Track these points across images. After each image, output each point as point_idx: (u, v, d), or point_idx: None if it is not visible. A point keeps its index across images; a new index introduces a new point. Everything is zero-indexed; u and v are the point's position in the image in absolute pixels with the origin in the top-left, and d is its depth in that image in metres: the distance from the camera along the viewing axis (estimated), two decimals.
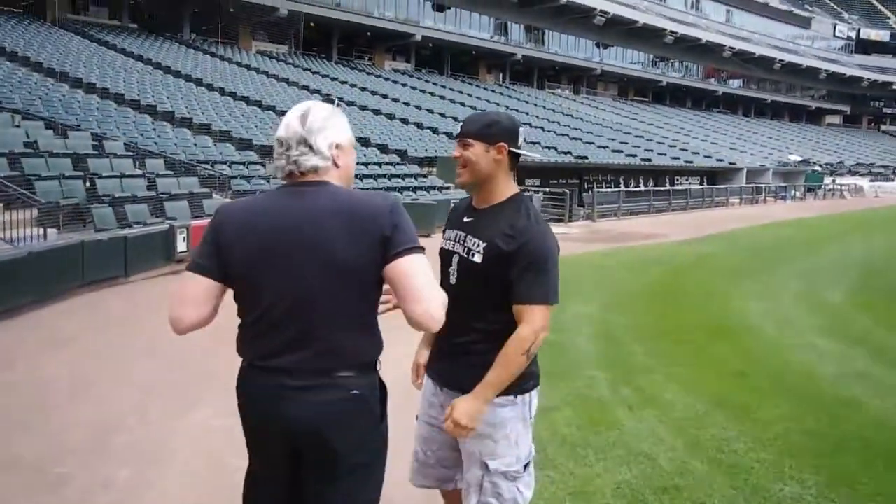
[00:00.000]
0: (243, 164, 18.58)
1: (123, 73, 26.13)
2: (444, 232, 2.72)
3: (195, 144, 19.00)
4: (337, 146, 2.14)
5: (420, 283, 2.01)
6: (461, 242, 2.57)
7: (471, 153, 2.55)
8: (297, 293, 2.03)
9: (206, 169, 16.68)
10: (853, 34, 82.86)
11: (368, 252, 2.00)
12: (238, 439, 2.24)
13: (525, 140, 2.68)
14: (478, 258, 2.48)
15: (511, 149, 2.55)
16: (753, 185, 38.41)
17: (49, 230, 11.11)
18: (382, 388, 2.19)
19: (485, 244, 2.48)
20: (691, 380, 6.34)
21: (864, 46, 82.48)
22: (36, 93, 20.10)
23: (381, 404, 2.18)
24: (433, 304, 2.01)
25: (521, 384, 2.52)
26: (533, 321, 2.40)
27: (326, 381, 2.04)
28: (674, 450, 4.74)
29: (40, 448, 4.70)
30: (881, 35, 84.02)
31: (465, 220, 2.60)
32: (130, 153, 16.01)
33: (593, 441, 4.85)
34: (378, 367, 2.18)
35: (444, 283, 2.55)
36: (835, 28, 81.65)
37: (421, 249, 2.05)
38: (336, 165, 2.14)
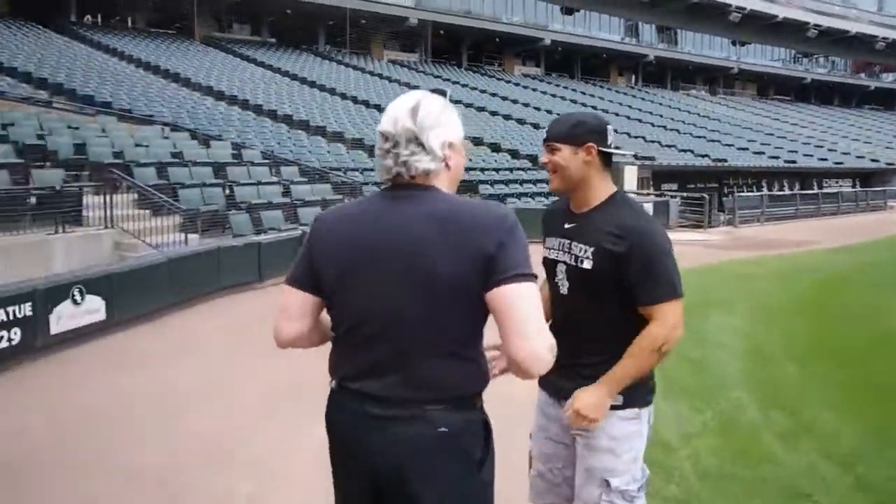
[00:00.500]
0: (374, 170, 18.72)
1: (262, 85, 27.19)
2: (544, 240, 2.58)
3: (328, 152, 19.42)
4: (450, 145, 1.87)
5: (525, 316, 1.69)
6: (566, 250, 2.45)
7: (559, 157, 2.43)
8: (389, 310, 1.76)
9: (339, 176, 16.95)
10: None
11: (472, 269, 1.70)
12: None
13: (615, 136, 2.52)
14: (587, 264, 2.37)
15: (601, 148, 2.41)
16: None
17: (190, 236, 11.50)
18: (486, 427, 1.86)
19: (592, 248, 2.36)
20: (854, 406, 5.68)
21: None
22: (183, 106, 21.14)
23: (482, 448, 1.83)
24: (540, 342, 1.69)
25: (644, 396, 2.44)
26: (664, 319, 2.29)
27: (415, 413, 1.76)
28: (838, 491, 4.19)
29: (162, 457, 4.70)
30: None
31: (567, 226, 2.48)
32: (267, 161, 16.51)
33: (743, 475, 4.36)
34: (479, 404, 1.86)
35: (554, 294, 2.50)
36: None
37: (532, 277, 1.72)
38: (447, 167, 1.87)
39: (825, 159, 36.55)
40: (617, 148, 2.49)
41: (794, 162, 33.72)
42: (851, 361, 7.03)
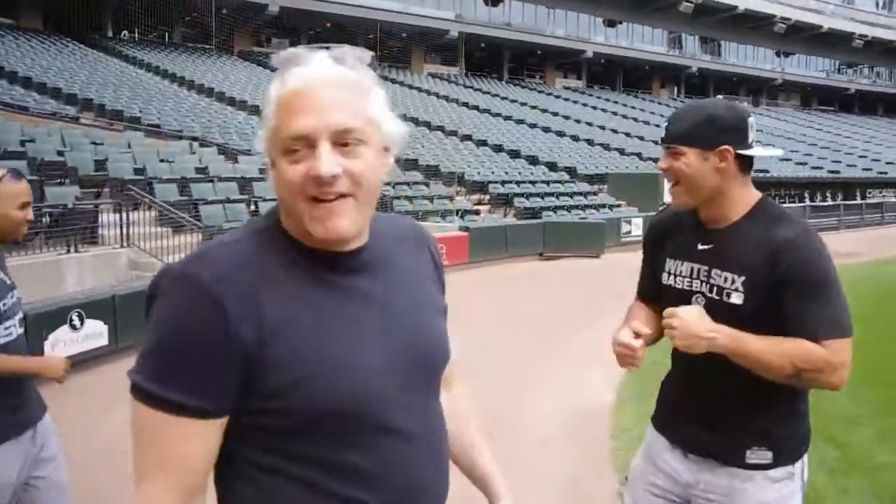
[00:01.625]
0: (407, 184, 18.28)
1: None
2: (662, 262, 2.03)
3: None
4: None
5: None
6: (703, 279, 1.91)
7: (683, 164, 1.87)
8: None
9: (384, 192, 16.41)
10: None
11: None
12: None
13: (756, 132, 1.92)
14: (737, 298, 1.83)
15: (739, 151, 1.84)
16: None
17: None
18: None
19: (743, 278, 1.83)
20: None
21: None
22: (214, 121, 20.89)
23: None
24: None
25: (797, 447, 1.92)
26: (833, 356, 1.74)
27: None
28: None
29: None
30: None
31: (701, 247, 1.93)
32: None
33: None
34: None
35: None
36: None
37: None
38: None
39: (869, 169, 35.43)
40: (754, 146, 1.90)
41: (837, 172, 32.69)
42: None
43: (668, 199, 11.73)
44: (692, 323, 1.74)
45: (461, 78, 42.90)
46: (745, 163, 1.87)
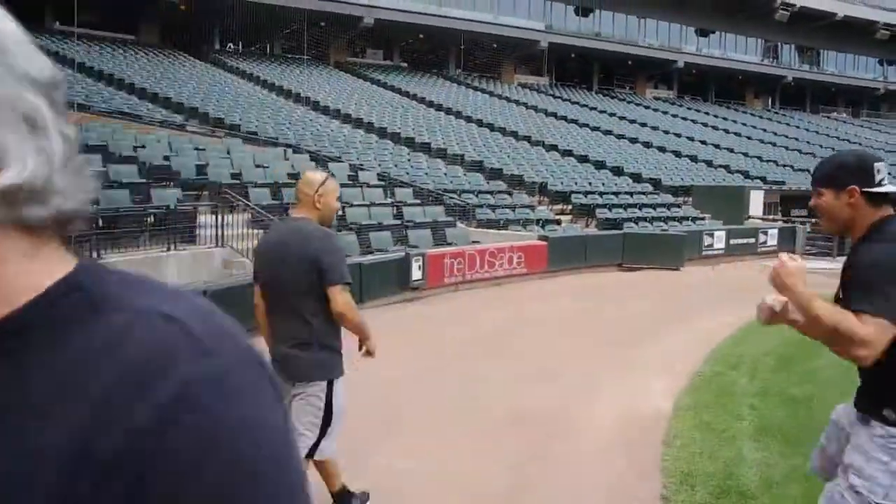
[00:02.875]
0: (490, 193, 18.73)
1: (389, 109, 27.83)
2: None
3: (445, 174, 19.52)
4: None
5: None
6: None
7: (823, 202, 2.50)
8: None
9: (453, 198, 16.96)
10: None
11: None
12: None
13: (886, 174, 2.50)
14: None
15: (865, 189, 2.42)
16: None
17: None
18: None
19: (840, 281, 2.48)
20: None
21: None
22: (308, 129, 21.87)
23: None
24: None
25: None
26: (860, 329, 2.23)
27: None
28: None
29: None
30: None
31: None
32: (382, 183, 16.74)
33: None
34: None
35: None
36: None
37: None
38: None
39: None
40: (884, 184, 2.44)
41: None
42: None
43: (753, 212, 12.19)
44: (792, 268, 2.33)
45: (550, 88, 43.04)
46: (876, 197, 2.41)
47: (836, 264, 15.64)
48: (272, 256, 3.65)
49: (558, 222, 18.09)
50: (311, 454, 3.61)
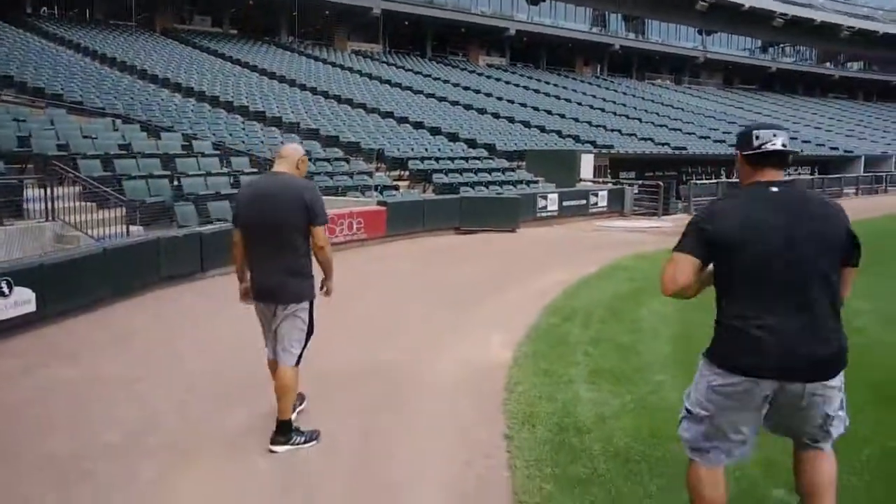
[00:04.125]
0: (328, 160, 18.70)
1: (221, 77, 26.97)
2: None
3: (282, 143, 19.18)
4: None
5: None
6: None
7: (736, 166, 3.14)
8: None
9: None
10: None
11: None
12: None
13: (767, 136, 2.94)
14: None
15: (745, 153, 2.97)
16: (872, 175, 36.07)
17: (134, 228, 11.37)
18: None
19: None
20: None
21: None
22: (137, 98, 20.95)
23: None
24: None
25: None
26: None
27: None
28: (742, 470, 4.16)
29: (76, 445, 4.67)
30: None
31: None
32: (217, 152, 16.35)
33: (651, 455, 4.38)
34: None
35: None
36: None
37: None
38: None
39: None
40: (761, 147, 2.90)
41: None
42: None
43: (584, 175, 12.90)
44: None
45: (384, 55, 43.01)
46: (750, 160, 2.96)
47: (661, 223, 16.97)
48: (263, 202, 4.48)
49: (396, 188, 18.33)
50: (297, 362, 4.59)
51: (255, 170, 15.87)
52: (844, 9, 63.26)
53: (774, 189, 2.89)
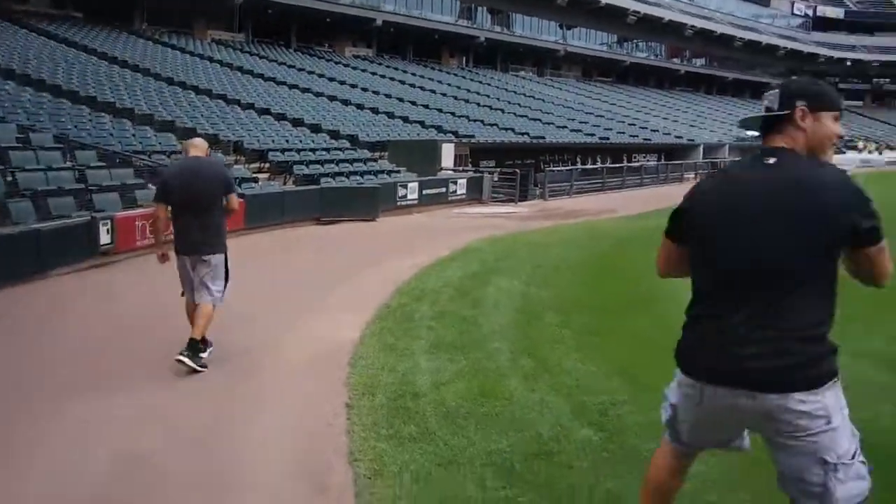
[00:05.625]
0: (180, 152, 18.02)
1: (63, 65, 25.30)
2: None
3: (134, 135, 18.50)
4: None
5: None
6: None
7: None
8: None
9: (143, 160, 16.20)
10: (810, 12, 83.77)
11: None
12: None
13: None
14: None
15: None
16: (710, 161, 38.61)
17: None
18: None
19: None
20: (599, 349, 6.14)
21: (820, 24, 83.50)
22: None
23: None
24: None
25: None
26: None
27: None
28: (557, 416, 4.61)
29: None
30: (836, 12, 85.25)
31: None
32: (60, 146, 15.47)
33: (477, 412, 4.73)
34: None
35: None
36: (793, 6, 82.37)
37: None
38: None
39: (636, 136, 39.24)
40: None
41: (607, 139, 35.62)
42: (612, 311, 7.56)
43: (445, 164, 13.22)
44: None
45: (246, 45, 41.95)
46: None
47: (518, 209, 17.60)
48: (192, 176, 5.90)
49: (255, 180, 18.04)
50: (221, 299, 6.07)
51: (102, 163, 15.15)
52: (689, 9, 67.05)
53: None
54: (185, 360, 5.67)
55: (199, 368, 5.72)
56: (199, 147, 6.15)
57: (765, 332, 2.22)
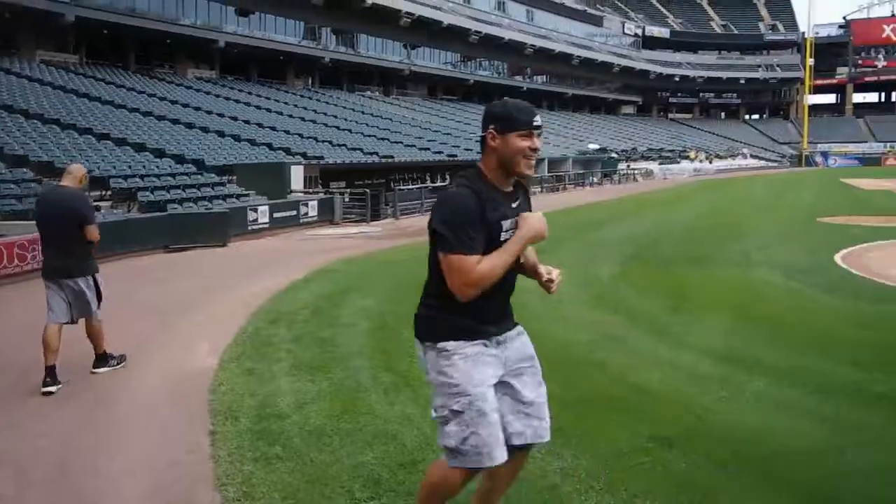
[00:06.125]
0: (15, 182, 17.09)
1: None
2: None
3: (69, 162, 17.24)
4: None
5: None
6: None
7: None
8: None
9: None
10: (639, 31, 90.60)
11: None
12: None
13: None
14: None
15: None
16: (554, 175, 40.24)
17: None
18: None
19: None
20: None
21: (649, 43, 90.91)
22: None
23: None
24: None
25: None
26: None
27: None
28: (419, 428, 4.87)
29: None
30: (663, 32, 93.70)
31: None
32: None
33: (342, 428, 4.94)
34: None
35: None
36: (623, 26, 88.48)
37: None
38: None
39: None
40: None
41: (455, 156, 36.42)
42: None
43: (295, 186, 13.29)
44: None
45: (81, 67, 40.01)
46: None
47: (370, 228, 17.83)
48: (49, 208, 6.39)
49: (97, 209, 17.26)
50: (97, 315, 6.48)
51: None
52: (527, 29, 70.59)
53: None
54: (101, 371, 6.54)
55: (118, 367, 6.66)
56: (70, 175, 6.42)
57: None
